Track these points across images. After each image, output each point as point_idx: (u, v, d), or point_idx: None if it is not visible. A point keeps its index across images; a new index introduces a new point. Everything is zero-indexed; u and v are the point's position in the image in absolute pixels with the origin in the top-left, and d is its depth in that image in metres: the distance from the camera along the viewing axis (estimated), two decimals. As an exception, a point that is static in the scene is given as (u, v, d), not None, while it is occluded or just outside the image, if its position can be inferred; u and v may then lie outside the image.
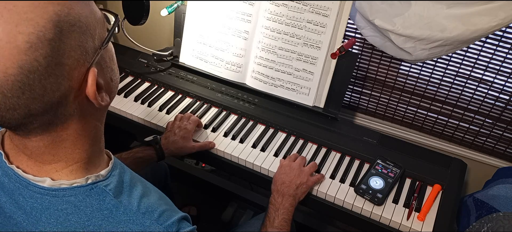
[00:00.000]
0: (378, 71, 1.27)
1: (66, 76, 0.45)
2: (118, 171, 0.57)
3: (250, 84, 1.21)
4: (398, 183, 0.98)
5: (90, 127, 0.53)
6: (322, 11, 1.09)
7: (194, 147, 1.03)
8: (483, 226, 0.87)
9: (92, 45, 0.47)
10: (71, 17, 0.44)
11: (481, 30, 0.93)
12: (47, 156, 0.51)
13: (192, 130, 1.05)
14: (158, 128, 1.13)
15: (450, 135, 1.28)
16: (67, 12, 0.44)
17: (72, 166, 0.52)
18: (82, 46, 0.46)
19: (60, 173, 0.52)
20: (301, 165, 0.97)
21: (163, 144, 1.01)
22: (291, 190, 0.91)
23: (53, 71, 0.43)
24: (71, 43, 0.44)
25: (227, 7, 1.18)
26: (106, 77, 0.52)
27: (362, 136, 1.10)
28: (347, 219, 0.96)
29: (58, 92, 0.45)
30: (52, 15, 0.42)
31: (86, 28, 0.46)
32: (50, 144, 0.50)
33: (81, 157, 0.53)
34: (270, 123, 1.14)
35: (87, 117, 0.51)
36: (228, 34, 1.20)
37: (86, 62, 0.47)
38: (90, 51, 0.47)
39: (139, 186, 0.57)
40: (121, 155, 0.95)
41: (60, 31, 0.43)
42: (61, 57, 0.44)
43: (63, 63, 0.44)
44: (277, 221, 0.88)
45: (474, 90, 1.17)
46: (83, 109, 0.50)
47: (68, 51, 0.44)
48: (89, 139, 0.53)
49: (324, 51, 1.11)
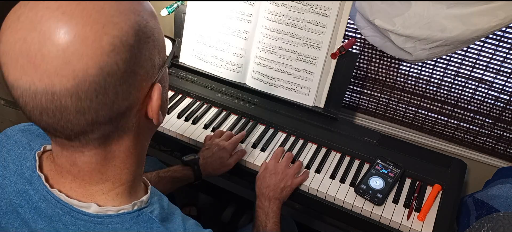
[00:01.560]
0: (378, 71, 1.27)
1: (137, 86, 0.45)
2: (157, 197, 0.55)
3: (250, 84, 1.21)
4: (398, 183, 0.98)
5: (140, 146, 0.52)
6: (322, 11, 1.09)
7: (231, 165, 1.01)
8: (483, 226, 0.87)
9: (158, 61, 0.48)
10: (148, 29, 0.45)
11: (481, 30, 0.93)
12: (95, 174, 0.49)
13: (231, 151, 1.02)
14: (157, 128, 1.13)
15: (450, 135, 1.28)
16: (145, 24, 0.44)
17: (118, 188, 0.51)
18: (152, 59, 0.46)
19: (106, 196, 0.50)
20: (286, 167, 0.97)
21: (201, 164, 0.98)
22: (276, 194, 0.92)
23: (128, 78, 0.43)
24: (145, 54, 0.45)
25: (227, 7, 1.18)
26: (163, 97, 0.51)
27: (362, 136, 1.10)
28: (347, 219, 0.96)
29: (127, 102, 0.44)
30: (134, 23, 0.43)
31: (157, 42, 0.47)
32: (101, 160, 0.48)
33: (127, 178, 0.51)
34: (270, 123, 1.14)
35: (141, 134, 0.51)
36: (228, 34, 1.20)
37: (152, 77, 0.47)
38: (157, 66, 0.48)
39: (177, 211, 0.56)
40: (159, 172, 0.95)
41: (139, 40, 0.43)
42: (136, 65, 0.44)
43: (136, 72, 0.44)
44: (269, 225, 0.89)
45: (474, 90, 1.17)
46: (140, 125, 0.49)
47: (142, 61, 0.44)
48: (137, 159, 0.52)
49: (324, 51, 1.11)
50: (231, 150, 1.01)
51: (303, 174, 0.99)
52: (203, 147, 1.03)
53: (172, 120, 1.15)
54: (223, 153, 1.00)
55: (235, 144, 1.03)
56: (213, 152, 0.99)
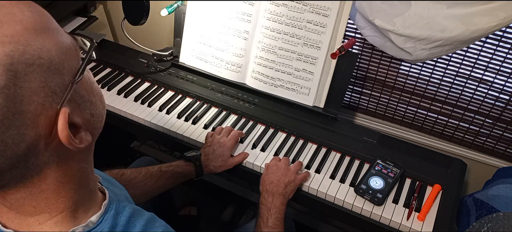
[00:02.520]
0: (378, 71, 1.27)
1: (30, 124, 0.38)
2: (113, 212, 0.50)
3: (250, 84, 1.21)
4: (398, 183, 0.98)
5: (73, 171, 0.46)
6: (322, 11, 1.08)
7: (232, 164, 1.01)
8: (483, 226, 0.87)
9: (60, 82, 0.40)
10: (28, 55, 0.37)
11: (481, 30, 0.92)
12: (27, 207, 0.44)
13: (231, 147, 1.02)
14: (157, 128, 1.13)
15: (450, 135, 1.28)
16: (22, 50, 0.36)
17: (57, 216, 0.46)
18: (46, 86, 0.38)
19: (43, 226, 0.45)
20: (286, 164, 0.97)
21: (202, 160, 0.99)
22: (280, 189, 0.92)
23: (12, 122, 0.36)
24: (31, 86, 0.37)
25: (227, 7, 1.18)
26: (84, 114, 0.44)
27: (362, 136, 1.10)
28: (347, 219, 0.96)
29: (23, 144, 0.38)
30: (2, 57, 0.35)
31: (49, 64, 0.39)
32: (28, 195, 0.43)
33: (66, 205, 0.46)
34: (270, 123, 1.14)
35: (68, 161, 0.45)
36: (228, 34, 1.20)
37: (55, 103, 0.40)
38: (59, 89, 0.40)
39: (139, 223, 0.51)
40: (161, 167, 0.95)
41: (15, 76, 0.36)
42: (20, 104, 0.37)
43: (23, 111, 0.37)
44: (271, 220, 0.88)
45: (474, 90, 1.17)
46: (61, 154, 0.43)
47: (28, 96, 0.37)
48: (74, 184, 0.46)
49: (324, 51, 1.11)
50: (231, 146, 1.02)
51: (305, 172, 0.99)
52: (205, 144, 1.04)
53: (172, 120, 1.15)
54: (224, 149, 1.00)
55: (234, 139, 1.03)
56: (214, 149, 1.00)
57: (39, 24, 0.39)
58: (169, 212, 1.42)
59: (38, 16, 0.39)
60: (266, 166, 0.99)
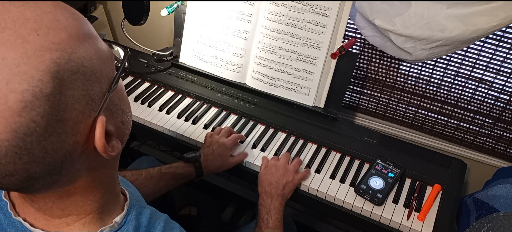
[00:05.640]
0: (378, 71, 1.27)
1: (70, 132, 0.39)
2: (135, 213, 0.52)
3: (250, 84, 1.21)
4: (398, 183, 0.98)
5: (102, 177, 0.47)
6: (322, 11, 1.08)
7: (232, 164, 1.01)
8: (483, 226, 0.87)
9: (99, 91, 0.41)
10: (73, 63, 0.37)
11: (481, 30, 0.92)
12: (55, 210, 0.45)
13: (231, 147, 1.02)
14: (157, 128, 1.13)
15: (450, 135, 1.28)
16: (68, 58, 0.37)
17: (84, 218, 0.47)
18: (87, 94, 0.39)
19: (72, 227, 0.47)
20: (286, 163, 0.97)
21: (202, 161, 0.98)
22: (278, 190, 0.92)
23: (54, 129, 0.37)
24: (74, 94, 0.38)
25: (227, 7, 1.18)
26: (116, 122, 0.45)
27: (362, 136, 1.10)
28: (347, 219, 0.96)
29: (62, 151, 0.39)
30: (50, 64, 0.35)
31: (91, 73, 0.39)
32: (57, 199, 0.44)
33: (93, 207, 0.47)
34: (270, 123, 1.14)
35: (98, 168, 0.46)
36: (228, 34, 1.20)
37: (93, 112, 0.41)
38: (97, 98, 0.41)
39: (159, 224, 0.53)
40: (161, 168, 0.95)
41: (60, 83, 0.36)
42: (63, 112, 0.37)
43: (65, 118, 0.38)
44: (271, 221, 0.89)
45: (474, 90, 1.17)
46: (92, 161, 0.44)
47: (71, 104, 0.38)
48: (102, 188, 0.48)
49: (324, 51, 1.11)
50: (230, 146, 1.01)
51: (304, 171, 0.99)
52: (204, 144, 1.03)
53: (172, 120, 1.15)
54: (223, 150, 0.99)
55: (234, 141, 1.03)
56: (213, 149, 0.99)
57: (81, 32, 0.39)
58: (169, 212, 1.42)
59: (80, 23, 0.40)
60: (264, 163, 0.98)
